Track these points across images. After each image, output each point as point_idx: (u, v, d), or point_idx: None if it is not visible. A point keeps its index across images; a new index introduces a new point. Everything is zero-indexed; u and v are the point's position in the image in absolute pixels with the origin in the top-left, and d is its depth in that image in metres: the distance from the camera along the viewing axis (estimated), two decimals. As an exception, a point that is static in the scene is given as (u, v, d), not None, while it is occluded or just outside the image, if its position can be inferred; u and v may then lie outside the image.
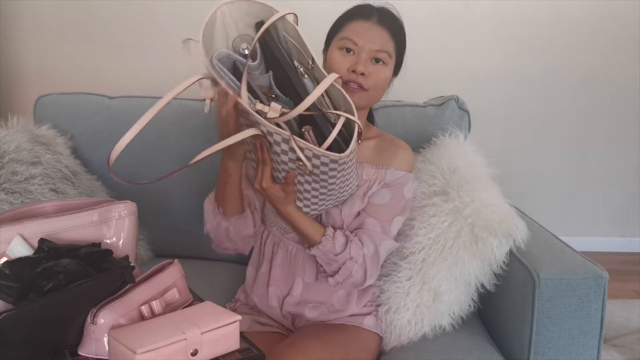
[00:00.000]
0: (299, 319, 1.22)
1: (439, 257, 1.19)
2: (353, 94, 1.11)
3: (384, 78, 1.15)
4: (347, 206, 1.15)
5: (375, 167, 1.18)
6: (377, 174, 1.17)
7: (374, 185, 1.17)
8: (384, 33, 1.13)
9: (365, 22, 1.14)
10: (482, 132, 1.55)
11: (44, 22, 2.42)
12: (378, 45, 1.12)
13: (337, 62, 1.13)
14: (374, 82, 1.13)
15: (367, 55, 1.12)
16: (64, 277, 0.78)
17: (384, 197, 1.16)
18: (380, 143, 1.23)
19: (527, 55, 2.56)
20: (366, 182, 1.17)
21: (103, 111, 1.62)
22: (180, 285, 0.92)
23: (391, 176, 1.17)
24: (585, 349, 1.13)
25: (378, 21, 1.14)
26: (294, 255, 1.20)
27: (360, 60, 1.11)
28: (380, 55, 1.13)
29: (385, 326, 1.22)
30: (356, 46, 1.12)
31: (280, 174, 1.02)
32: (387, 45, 1.14)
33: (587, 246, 2.56)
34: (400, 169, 1.18)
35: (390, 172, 1.17)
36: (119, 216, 0.93)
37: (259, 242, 1.27)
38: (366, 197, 1.16)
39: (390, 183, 1.17)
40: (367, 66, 1.11)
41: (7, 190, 1.29)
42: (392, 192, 1.17)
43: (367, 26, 1.13)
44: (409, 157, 1.22)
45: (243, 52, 0.99)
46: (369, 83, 1.12)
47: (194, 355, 0.76)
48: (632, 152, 2.72)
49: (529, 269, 1.12)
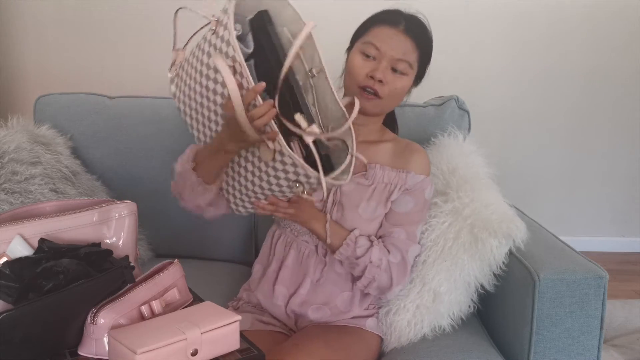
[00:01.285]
0: (301, 319, 1.22)
1: (438, 257, 1.19)
2: (368, 100, 1.12)
3: (401, 87, 1.14)
4: (368, 210, 1.16)
5: (396, 171, 1.19)
6: (398, 178, 1.18)
7: (395, 189, 1.18)
8: (408, 42, 1.12)
9: (391, 29, 1.12)
10: (482, 132, 1.56)
11: (44, 22, 2.42)
12: (400, 54, 1.11)
13: (357, 65, 1.12)
14: (390, 91, 1.12)
15: (387, 63, 1.11)
16: (64, 277, 0.78)
17: (407, 205, 1.18)
18: (396, 146, 1.24)
19: (527, 55, 2.56)
20: (387, 185, 1.18)
21: (103, 111, 1.62)
22: (180, 285, 0.92)
23: (412, 181, 1.18)
24: (585, 349, 1.13)
25: (404, 30, 1.12)
26: (306, 256, 1.20)
27: (380, 68, 1.10)
28: (400, 65, 1.12)
29: (385, 327, 1.22)
30: (378, 52, 1.11)
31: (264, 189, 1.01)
32: (410, 55, 1.12)
33: (587, 246, 2.56)
34: (419, 173, 1.20)
35: (411, 176, 1.18)
36: (119, 216, 0.93)
37: (270, 241, 1.27)
38: (389, 203, 1.17)
39: (412, 188, 1.18)
40: (386, 74, 1.11)
41: (7, 190, 1.29)
42: (415, 198, 1.18)
43: (392, 33, 1.11)
44: (427, 161, 1.23)
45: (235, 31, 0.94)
46: (384, 91, 1.12)
47: (194, 355, 0.76)
48: (632, 152, 2.72)
49: (529, 269, 1.12)
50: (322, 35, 0.97)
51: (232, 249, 1.63)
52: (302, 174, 0.93)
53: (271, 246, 1.26)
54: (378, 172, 1.19)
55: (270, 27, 0.97)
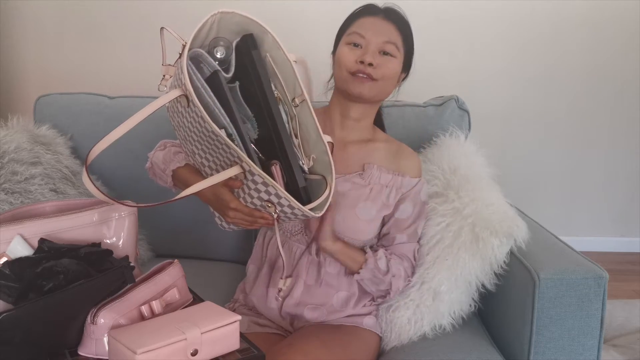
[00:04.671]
0: (297, 319, 1.22)
1: (439, 256, 1.19)
2: (362, 83, 1.13)
3: (392, 69, 1.16)
4: (366, 210, 1.17)
5: (392, 174, 1.20)
6: (394, 181, 1.20)
7: (392, 192, 1.19)
8: (390, 26, 1.16)
9: (372, 17, 1.16)
10: (482, 132, 1.55)
11: (44, 22, 2.42)
12: (385, 37, 1.14)
13: (345, 55, 1.14)
14: (383, 73, 1.14)
15: (374, 47, 1.14)
16: (64, 277, 0.78)
17: (406, 211, 1.20)
18: (389, 148, 1.24)
19: (527, 55, 2.56)
20: (384, 187, 1.19)
21: (103, 111, 1.62)
22: (180, 285, 0.92)
23: (407, 185, 1.20)
24: (585, 349, 1.13)
25: (384, 16, 1.17)
26: (298, 257, 1.20)
27: (369, 51, 1.13)
28: (387, 47, 1.14)
29: (385, 325, 1.22)
30: (363, 39, 1.14)
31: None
32: (394, 37, 1.15)
33: (587, 246, 2.57)
34: (414, 177, 1.22)
35: (407, 180, 1.20)
36: (119, 216, 0.93)
37: (262, 241, 1.27)
38: (386, 207, 1.19)
39: (408, 193, 1.20)
40: (376, 57, 1.13)
41: (7, 190, 1.29)
42: (413, 202, 1.21)
43: (373, 20, 1.16)
44: (419, 163, 1.26)
45: (215, 54, 0.95)
46: (377, 73, 1.13)
47: (194, 355, 0.76)
48: (632, 152, 2.72)
49: (529, 269, 1.12)
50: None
51: (232, 249, 1.63)
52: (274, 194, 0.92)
53: (263, 247, 1.26)
54: (375, 173, 1.19)
55: (255, 52, 0.97)
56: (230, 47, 0.97)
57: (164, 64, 0.96)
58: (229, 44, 0.97)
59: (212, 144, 0.93)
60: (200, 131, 0.91)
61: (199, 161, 1.03)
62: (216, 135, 0.88)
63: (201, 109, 0.86)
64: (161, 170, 1.16)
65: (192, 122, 0.91)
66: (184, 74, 0.85)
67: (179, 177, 1.12)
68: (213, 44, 0.96)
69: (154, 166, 1.20)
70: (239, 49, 0.97)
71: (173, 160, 1.13)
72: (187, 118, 0.92)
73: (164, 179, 1.16)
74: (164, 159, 1.16)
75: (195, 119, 0.89)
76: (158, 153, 1.20)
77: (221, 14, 0.92)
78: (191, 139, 0.97)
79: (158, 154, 1.19)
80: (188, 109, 0.89)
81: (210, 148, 0.95)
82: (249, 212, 1.00)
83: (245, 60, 0.97)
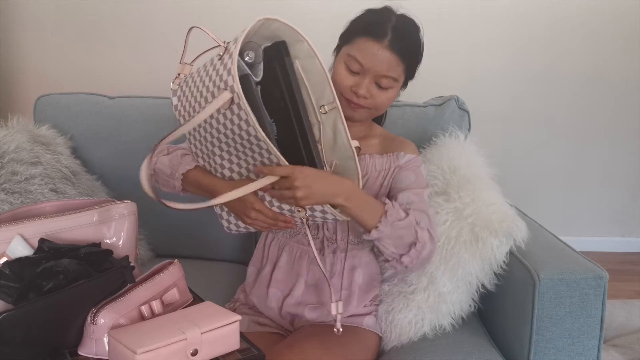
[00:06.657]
0: (298, 319, 1.22)
1: (440, 257, 1.19)
2: (354, 110, 1.13)
3: (386, 99, 1.14)
4: None
5: (386, 156, 1.19)
6: (389, 161, 1.18)
7: (388, 173, 1.18)
8: (392, 58, 1.08)
9: (375, 44, 1.07)
10: (482, 132, 1.55)
11: (44, 22, 2.42)
12: (384, 71, 1.09)
13: (340, 77, 1.11)
14: (376, 103, 1.13)
15: (371, 78, 1.10)
16: (64, 277, 0.78)
17: (408, 178, 1.16)
18: (384, 139, 1.25)
19: (527, 55, 2.56)
20: (380, 172, 1.18)
21: (103, 111, 1.62)
22: (180, 285, 0.92)
23: (403, 159, 1.18)
24: (585, 349, 1.13)
25: (389, 44, 1.07)
26: (298, 257, 1.20)
27: (363, 84, 1.09)
28: (384, 81, 1.10)
29: (385, 325, 1.22)
30: (361, 67, 1.09)
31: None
32: (394, 70, 1.10)
33: (587, 246, 2.57)
34: (409, 154, 1.20)
35: (402, 155, 1.19)
36: (119, 216, 0.93)
37: (263, 243, 1.27)
38: (383, 188, 1.17)
39: (406, 165, 1.18)
40: (370, 89, 1.11)
41: (7, 190, 1.29)
42: (413, 172, 1.17)
43: (375, 49, 1.07)
44: (415, 148, 1.24)
45: (244, 58, 0.95)
46: (369, 103, 1.12)
47: (194, 355, 0.76)
48: (632, 152, 2.72)
49: (529, 269, 1.12)
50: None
51: (232, 249, 1.63)
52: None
53: (264, 248, 1.26)
54: (368, 162, 1.18)
55: (287, 59, 0.97)
56: (259, 52, 0.97)
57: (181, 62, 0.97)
58: (258, 49, 0.97)
59: (247, 148, 0.92)
60: (236, 134, 0.91)
61: (219, 162, 1.03)
62: (258, 140, 0.89)
63: (250, 113, 0.85)
64: (167, 175, 1.13)
65: (226, 125, 0.91)
66: (233, 75, 0.84)
67: (190, 180, 1.10)
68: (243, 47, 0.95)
69: (158, 173, 1.16)
70: (268, 54, 0.97)
71: (182, 164, 1.11)
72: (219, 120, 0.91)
73: (171, 184, 1.12)
74: (171, 164, 1.13)
75: (233, 121, 0.89)
76: (162, 158, 1.15)
77: (265, 20, 0.91)
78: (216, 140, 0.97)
79: (162, 159, 1.15)
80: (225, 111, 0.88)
81: (241, 151, 0.95)
82: (273, 216, 1.01)
83: (275, 66, 0.97)
